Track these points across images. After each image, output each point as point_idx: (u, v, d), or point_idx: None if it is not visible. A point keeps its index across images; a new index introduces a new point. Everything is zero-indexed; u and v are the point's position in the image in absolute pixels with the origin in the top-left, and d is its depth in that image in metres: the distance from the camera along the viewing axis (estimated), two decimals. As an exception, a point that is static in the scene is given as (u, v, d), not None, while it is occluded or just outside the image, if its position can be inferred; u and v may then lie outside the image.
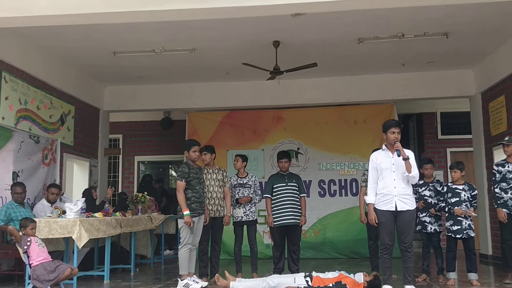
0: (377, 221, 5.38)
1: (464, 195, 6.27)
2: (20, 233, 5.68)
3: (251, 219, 6.89)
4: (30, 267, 5.55)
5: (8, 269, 6.79)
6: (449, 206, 6.27)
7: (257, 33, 7.21)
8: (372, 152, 6.56)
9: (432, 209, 6.55)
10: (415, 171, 5.30)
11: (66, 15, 5.57)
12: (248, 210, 6.89)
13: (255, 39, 7.44)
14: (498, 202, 6.39)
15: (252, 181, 7.02)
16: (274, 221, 6.70)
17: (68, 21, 5.84)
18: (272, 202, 6.79)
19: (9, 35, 6.87)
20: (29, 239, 5.55)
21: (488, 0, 5.57)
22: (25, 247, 5.54)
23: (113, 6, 5.48)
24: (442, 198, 6.42)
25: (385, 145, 5.46)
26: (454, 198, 6.27)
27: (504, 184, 6.35)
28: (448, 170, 7.96)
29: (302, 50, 7.94)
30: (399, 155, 5.27)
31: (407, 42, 7.61)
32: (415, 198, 5.73)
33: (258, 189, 7.10)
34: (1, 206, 6.64)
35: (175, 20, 6.13)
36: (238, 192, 6.92)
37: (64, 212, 6.46)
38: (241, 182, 6.98)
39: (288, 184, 6.80)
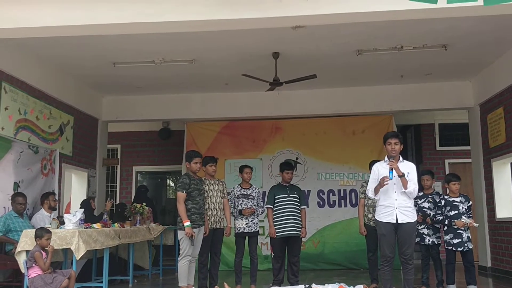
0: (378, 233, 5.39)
1: (462, 207, 6.29)
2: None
3: (253, 230, 6.82)
4: (28, 279, 5.52)
5: (5, 280, 6.73)
6: (449, 220, 6.26)
7: (257, 45, 7.23)
8: (370, 163, 6.62)
9: (428, 218, 6.55)
10: (412, 187, 5.27)
11: (67, 26, 5.57)
12: (251, 221, 6.81)
13: (255, 50, 7.46)
14: None
15: (255, 192, 6.96)
16: (276, 232, 6.67)
17: (68, 32, 5.86)
18: (273, 213, 6.76)
19: (9, 45, 6.87)
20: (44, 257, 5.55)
21: (486, 13, 5.59)
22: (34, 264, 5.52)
23: (113, 17, 5.49)
24: (439, 212, 6.41)
25: (387, 157, 5.44)
26: (453, 211, 6.28)
27: None
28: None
29: (302, 62, 7.96)
30: (391, 178, 5.22)
31: (406, 54, 7.64)
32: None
33: (261, 201, 7.03)
34: (0, 216, 6.61)
35: (175, 31, 6.14)
36: (241, 203, 6.84)
37: (62, 223, 6.43)
38: (245, 193, 6.91)
39: (290, 195, 6.77)
